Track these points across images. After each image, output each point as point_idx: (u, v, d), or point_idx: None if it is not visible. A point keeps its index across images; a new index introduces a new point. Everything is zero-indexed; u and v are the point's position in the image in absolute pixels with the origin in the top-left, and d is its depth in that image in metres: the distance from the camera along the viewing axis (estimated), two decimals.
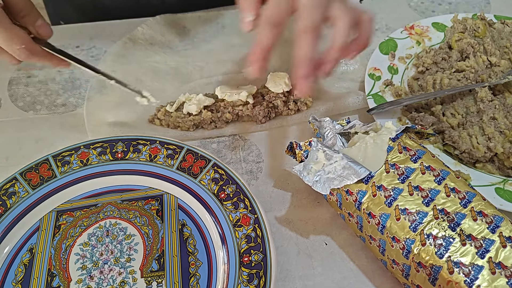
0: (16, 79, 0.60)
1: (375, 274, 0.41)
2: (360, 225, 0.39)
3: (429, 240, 0.34)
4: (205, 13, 0.67)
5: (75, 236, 0.42)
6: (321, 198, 0.47)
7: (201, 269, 0.40)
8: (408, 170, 0.38)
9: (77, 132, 0.53)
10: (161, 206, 0.45)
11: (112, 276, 0.40)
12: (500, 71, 0.54)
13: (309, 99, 0.54)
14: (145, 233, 0.43)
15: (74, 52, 0.63)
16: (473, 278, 0.32)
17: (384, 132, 0.41)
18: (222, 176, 0.44)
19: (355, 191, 0.39)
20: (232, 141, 0.52)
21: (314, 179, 0.40)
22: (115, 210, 0.44)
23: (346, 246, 0.43)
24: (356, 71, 0.59)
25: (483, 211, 0.35)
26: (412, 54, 0.60)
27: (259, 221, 0.41)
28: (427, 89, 0.54)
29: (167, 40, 0.63)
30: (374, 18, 0.44)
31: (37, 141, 0.53)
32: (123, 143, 0.47)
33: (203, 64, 0.60)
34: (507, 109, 0.51)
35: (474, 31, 0.58)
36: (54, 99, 0.57)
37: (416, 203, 0.36)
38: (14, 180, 0.44)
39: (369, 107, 0.52)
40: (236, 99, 0.53)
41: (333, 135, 0.44)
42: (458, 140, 0.48)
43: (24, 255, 0.41)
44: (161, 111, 0.53)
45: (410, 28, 0.62)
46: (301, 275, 0.41)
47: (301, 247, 0.43)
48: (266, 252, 0.39)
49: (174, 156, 0.46)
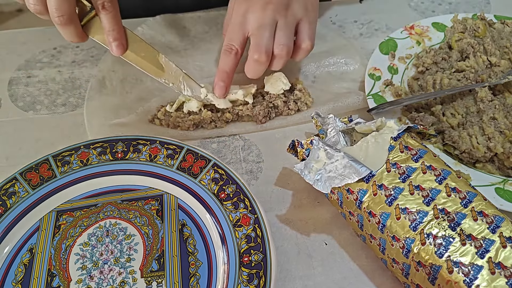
0: (16, 79, 0.60)
1: (375, 274, 0.41)
2: (361, 224, 0.39)
3: (429, 240, 0.34)
4: (205, 13, 0.67)
5: (75, 236, 0.42)
6: (321, 198, 0.47)
7: (201, 269, 0.40)
8: (409, 169, 0.38)
9: (77, 132, 0.53)
10: (161, 206, 0.45)
11: (112, 276, 0.40)
12: (500, 71, 0.54)
13: (309, 99, 0.54)
14: (145, 233, 0.43)
15: (74, 52, 0.63)
16: (472, 278, 0.32)
17: (385, 131, 0.41)
18: (222, 176, 0.44)
19: (356, 190, 0.39)
20: (232, 141, 0.52)
21: (315, 177, 0.40)
22: (115, 210, 0.44)
23: (346, 246, 0.43)
24: (356, 71, 0.59)
25: (483, 211, 0.35)
26: (412, 54, 0.60)
27: (259, 221, 0.41)
28: (427, 89, 0.54)
29: (167, 40, 0.63)
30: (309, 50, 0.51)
31: (37, 141, 0.53)
32: (123, 143, 0.47)
33: (203, 64, 0.60)
34: (507, 109, 0.51)
35: (474, 31, 0.58)
36: (54, 99, 0.57)
37: (416, 203, 0.36)
38: (14, 180, 0.44)
39: (369, 107, 0.52)
40: (234, 98, 0.53)
41: (336, 132, 0.44)
42: (458, 140, 0.48)
43: (24, 255, 0.41)
44: (161, 111, 0.53)
45: (410, 28, 0.62)
46: (301, 275, 0.41)
47: (301, 247, 0.43)
48: (266, 252, 0.39)
49: (174, 156, 0.46)
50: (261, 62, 0.48)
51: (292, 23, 0.50)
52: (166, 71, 0.49)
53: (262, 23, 0.48)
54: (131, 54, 0.48)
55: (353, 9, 0.71)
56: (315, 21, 0.53)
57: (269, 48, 0.48)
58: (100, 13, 0.45)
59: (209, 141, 0.53)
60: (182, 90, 0.51)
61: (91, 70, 0.61)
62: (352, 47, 0.62)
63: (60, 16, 0.42)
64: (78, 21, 0.45)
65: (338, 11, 0.70)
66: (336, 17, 0.69)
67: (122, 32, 0.47)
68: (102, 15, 0.45)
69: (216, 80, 0.51)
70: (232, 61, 0.50)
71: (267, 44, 0.48)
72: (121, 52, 0.47)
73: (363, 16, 0.69)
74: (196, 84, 0.51)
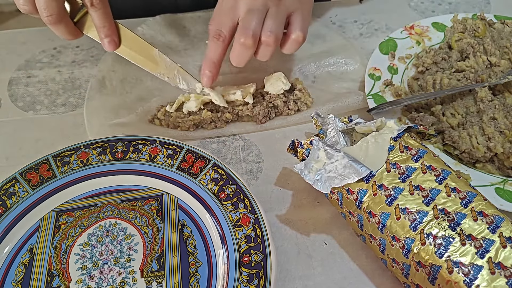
0: (16, 79, 0.60)
1: (375, 274, 0.41)
2: (361, 224, 0.39)
3: (429, 240, 0.34)
4: (205, 13, 0.67)
5: (75, 236, 0.42)
6: (321, 198, 0.47)
7: (201, 269, 0.40)
8: (409, 169, 0.38)
9: (77, 132, 0.53)
10: (161, 206, 0.45)
11: (112, 276, 0.40)
12: (500, 71, 0.54)
13: (309, 99, 0.54)
14: (145, 233, 0.43)
15: (74, 52, 0.63)
16: (472, 278, 0.32)
17: (385, 131, 0.41)
18: (222, 176, 0.44)
19: (356, 190, 0.39)
20: (232, 141, 0.52)
21: (315, 177, 0.40)
22: (115, 210, 0.44)
23: (346, 246, 0.43)
24: (356, 71, 0.59)
25: (483, 211, 0.35)
26: (412, 54, 0.60)
27: (259, 221, 0.41)
28: (427, 89, 0.54)
29: (167, 40, 0.63)
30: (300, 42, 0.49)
31: (37, 141, 0.53)
32: (123, 143, 0.47)
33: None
34: (507, 109, 0.51)
35: (474, 31, 0.58)
36: (54, 99, 0.57)
37: (416, 203, 0.36)
38: (14, 180, 0.44)
39: (369, 107, 0.52)
40: (233, 99, 0.53)
41: (336, 132, 0.44)
42: (458, 140, 0.48)
43: (24, 255, 0.41)
44: (161, 111, 0.53)
45: (410, 28, 0.62)
46: (301, 275, 0.41)
47: (301, 247, 0.43)
48: (266, 252, 0.39)
49: (174, 156, 0.46)
50: (247, 46, 0.46)
51: (283, 13, 0.48)
52: (161, 65, 0.50)
53: (252, 8, 0.47)
54: (125, 50, 0.48)
55: (353, 9, 0.71)
56: (308, 15, 0.52)
57: (257, 33, 0.46)
58: (90, 10, 0.45)
59: (209, 141, 0.53)
60: (178, 83, 0.51)
61: (91, 70, 0.61)
62: (352, 47, 0.62)
63: (49, 16, 0.43)
64: (68, 18, 0.45)
65: (338, 11, 0.70)
66: (336, 17, 0.69)
67: (113, 28, 0.47)
68: (92, 12, 0.45)
69: (203, 69, 0.49)
70: (220, 48, 0.48)
71: (255, 29, 0.46)
72: (113, 48, 0.47)
73: (363, 16, 0.69)
74: (192, 77, 0.51)
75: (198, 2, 0.68)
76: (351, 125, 0.44)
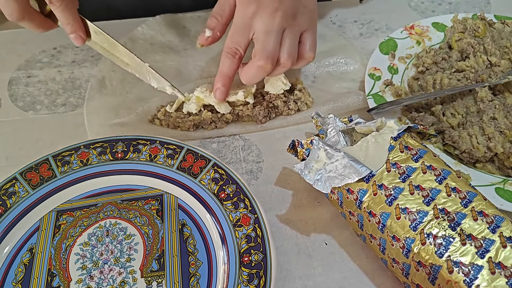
0: (16, 79, 0.60)
1: (375, 274, 0.41)
2: (361, 224, 0.39)
3: (429, 240, 0.34)
4: (205, 13, 0.67)
5: (75, 236, 0.42)
6: (321, 198, 0.47)
7: (201, 269, 0.40)
8: (409, 169, 0.38)
9: (77, 132, 0.53)
10: (161, 206, 0.45)
11: (112, 276, 0.40)
12: (500, 71, 0.54)
13: (309, 99, 0.54)
14: (145, 233, 0.43)
15: (74, 52, 0.63)
16: (472, 278, 0.32)
17: (385, 131, 0.41)
18: (222, 176, 0.44)
19: (356, 189, 0.39)
20: (232, 141, 0.52)
21: (315, 177, 0.40)
22: (115, 210, 0.44)
23: (346, 246, 0.43)
24: (356, 71, 0.59)
25: (483, 211, 0.35)
26: (412, 54, 0.60)
27: (259, 221, 0.41)
28: (427, 89, 0.54)
29: (167, 40, 0.63)
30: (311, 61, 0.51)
31: (37, 141, 0.53)
32: (123, 143, 0.47)
33: (203, 64, 0.60)
34: (507, 109, 0.51)
35: (474, 31, 0.58)
36: (54, 99, 0.57)
37: (416, 202, 0.36)
38: (14, 180, 0.44)
39: (369, 107, 0.52)
40: (234, 99, 0.53)
41: (336, 132, 0.44)
42: (458, 140, 0.48)
43: (24, 255, 0.41)
44: (161, 111, 0.53)
45: (410, 28, 0.62)
46: (301, 275, 0.41)
47: (301, 247, 0.43)
48: (266, 252, 0.39)
49: (174, 156, 0.46)
50: (265, 70, 0.47)
51: (298, 33, 0.49)
52: (130, 62, 0.50)
53: (270, 30, 0.47)
54: (96, 46, 0.49)
55: (353, 9, 0.71)
56: (316, 32, 0.52)
57: (275, 56, 0.47)
58: (51, 7, 0.45)
59: (209, 141, 0.53)
60: (149, 81, 0.51)
61: (91, 70, 0.61)
62: (352, 47, 0.62)
63: (9, 15, 0.44)
64: (33, 14, 0.46)
65: (338, 11, 0.70)
66: (336, 17, 0.69)
67: (78, 25, 0.47)
68: (53, 9, 0.45)
69: (217, 84, 0.50)
70: (235, 65, 0.49)
71: (274, 52, 0.47)
72: (80, 43, 0.48)
73: (363, 16, 0.69)
74: (161, 77, 0.50)
75: (199, 1, 0.68)
76: (351, 125, 0.44)
